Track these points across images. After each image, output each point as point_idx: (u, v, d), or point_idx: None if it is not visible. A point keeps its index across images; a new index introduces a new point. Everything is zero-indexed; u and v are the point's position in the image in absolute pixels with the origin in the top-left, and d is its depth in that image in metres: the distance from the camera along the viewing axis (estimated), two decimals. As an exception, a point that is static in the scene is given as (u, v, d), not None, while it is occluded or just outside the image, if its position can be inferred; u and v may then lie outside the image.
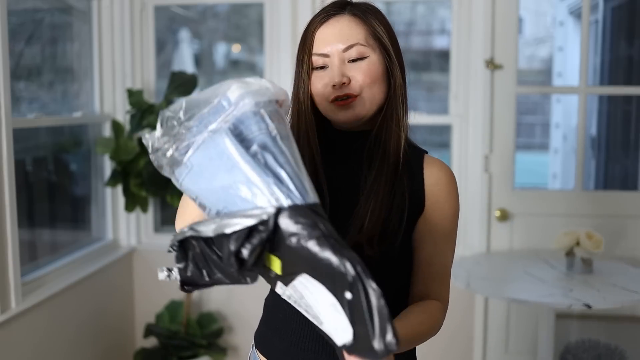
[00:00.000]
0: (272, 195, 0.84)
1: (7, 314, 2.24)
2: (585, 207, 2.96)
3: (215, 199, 0.89)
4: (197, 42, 4.02)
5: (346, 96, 1.14)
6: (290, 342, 1.21)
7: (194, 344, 2.90)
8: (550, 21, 6.05)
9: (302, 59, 1.18)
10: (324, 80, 1.16)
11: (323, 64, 1.16)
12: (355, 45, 1.15)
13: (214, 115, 0.88)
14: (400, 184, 1.16)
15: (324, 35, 1.16)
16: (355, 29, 1.16)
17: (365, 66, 1.15)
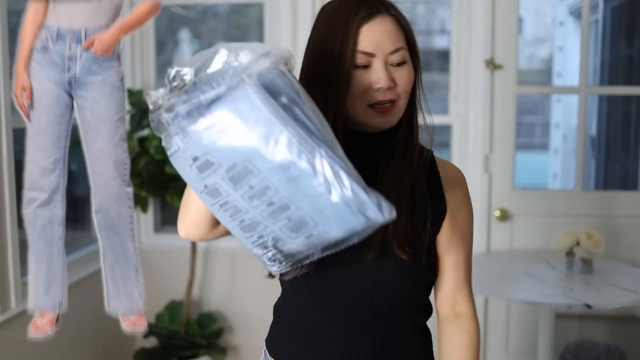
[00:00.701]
0: (306, 145, 0.85)
1: (7, 314, 2.24)
2: (585, 207, 2.96)
3: (236, 154, 0.86)
4: (197, 42, 4.02)
5: (389, 102, 1.09)
6: (313, 350, 1.16)
7: (194, 344, 2.90)
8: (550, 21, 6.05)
9: (343, 54, 1.07)
10: (366, 80, 1.08)
11: (365, 64, 1.08)
12: (401, 50, 1.09)
13: (226, 74, 0.86)
14: (419, 185, 1.14)
15: (372, 32, 1.08)
16: (399, 32, 1.10)
17: (406, 72, 1.11)
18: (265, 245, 0.97)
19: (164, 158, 2.73)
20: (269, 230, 0.94)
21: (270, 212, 0.91)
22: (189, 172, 0.92)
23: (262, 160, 0.86)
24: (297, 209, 0.90)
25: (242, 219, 0.94)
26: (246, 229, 0.96)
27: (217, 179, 0.90)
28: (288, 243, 0.95)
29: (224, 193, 0.91)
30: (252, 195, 0.90)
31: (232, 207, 0.93)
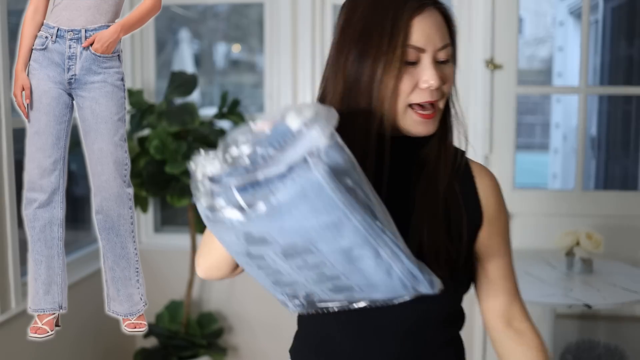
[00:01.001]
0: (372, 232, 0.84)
1: (7, 314, 2.24)
2: (585, 207, 2.96)
3: (297, 237, 0.83)
4: (197, 42, 4.02)
5: (431, 105, 1.00)
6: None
7: (194, 344, 2.90)
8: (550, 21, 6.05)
9: (392, 48, 0.96)
10: (415, 78, 0.98)
11: (415, 59, 0.98)
12: (448, 46, 1.00)
13: (277, 145, 0.81)
14: (454, 193, 1.06)
15: (424, 26, 0.97)
16: (446, 27, 1.01)
17: (450, 71, 1.02)
18: (295, 295, 0.95)
19: (163, 158, 2.73)
20: (307, 288, 0.93)
21: (317, 280, 0.90)
22: (232, 240, 0.88)
23: (325, 243, 0.84)
24: (347, 280, 0.89)
25: (279, 278, 0.92)
26: (280, 284, 0.94)
27: (267, 251, 0.87)
28: (323, 297, 0.94)
29: (270, 261, 0.88)
30: (302, 266, 0.88)
31: (274, 271, 0.91)
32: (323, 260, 0.86)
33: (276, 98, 3.09)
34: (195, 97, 3.36)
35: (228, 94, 2.97)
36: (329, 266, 0.87)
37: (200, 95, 3.71)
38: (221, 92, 3.08)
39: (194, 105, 2.86)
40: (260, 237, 0.84)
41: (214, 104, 3.63)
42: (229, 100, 2.95)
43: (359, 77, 0.98)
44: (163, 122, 2.70)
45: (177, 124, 2.71)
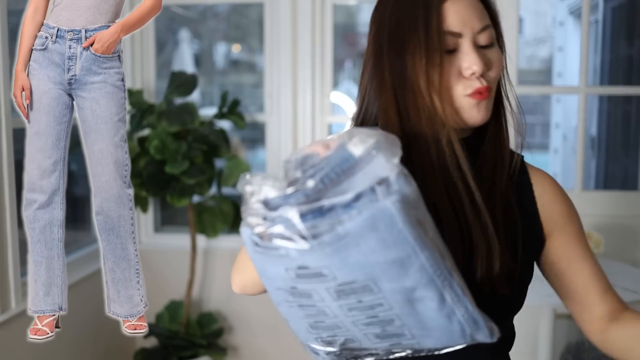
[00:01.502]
0: (439, 273, 0.78)
1: (7, 314, 2.24)
2: (585, 207, 2.96)
3: (360, 273, 0.76)
4: (197, 42, 4.02)
5: (487, 89, 0.90)
6: None
7: (194, 344, 2.90)
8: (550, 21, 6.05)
9: (428, 36, 0.88)
10: (456, 66, 0.89)
11: (453, 47, 0.89)
12: (489, 28, 0.92)
13: (340, 171, 0.75)
14: (510, 203, 0.96)
15: (457, 8, 0.89)
16: (484, 8, 0.94)
17: (496, 55, 0.93)
18: (331, 342, 0.87)
19: (163, 158, 2.73)
20: (349, 333, 0.84)
21: (367, 323, 0.82)
22: (278, 273, 0.80)
23: (388, 282, 0.77)
24: (400, 324, 0.82)
25: (320, 320, 0.84)
26: (319, 328, 0.86)
27: (319, 288, 0.79)
28: (364, 345, 0.86)
29: (317, 299, 0.81)
30: (355, 307, 0.80)
31: (318, 312, 0.83)
32: (381, 300, 0.79)
33: (276, 98, 3.09)
34: (195, 97, 3.36)
35: (228, 94, 2.97)
36: (385, 308, 0.80)
37: (200, 95, 3.71)
38: (221, 92, 3.08)
39: (194, 105, 2.86)
40: (317, 271, 0.77)
41: (214, 104, 3.63)
42: (229, 100, 2.96)
43: (404, 72, 0.89)
44: (163, 122, 2.70)
45: (177, 124, 2.71)
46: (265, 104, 3.14)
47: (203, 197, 2.98)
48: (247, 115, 3.07)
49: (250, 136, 3.79)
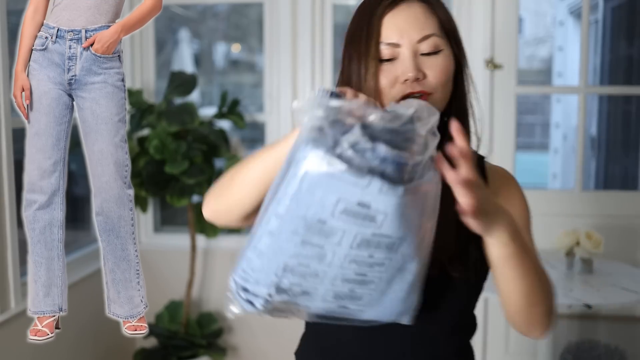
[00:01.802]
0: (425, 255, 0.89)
1: (6, 314, 2.24)
2: (585, 207, 2.95)
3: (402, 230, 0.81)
4: (197, 41, 4.02)
5: (419, 94, 0.98)
6: None
7: (193, 344, 2.89)
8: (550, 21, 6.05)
9: (367, 48, 0.99)
10: (393, 73, 0.99)
11: (391, 55, 0.99)
12: (431, 37, 1.00)
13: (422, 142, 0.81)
14: None
15: (396, 21, 0.99)
16: (430, 18, 1.01)
17: (440, 61, 1.01)
18: (285, 291, 0.88)
19: (163, 158, 2.73)
20: (316, 285, 0.87)
21: (349, 279, 0.86)
22: (325, 199, 0.79)
23: (409, 246, 0.83)
24: (373, 289, 0.87)
25: (305, 264, 0.85)
26: (292, 272, 0.86)
27: (350, 229, 0.81)
28: (312, 301, 0.89)
29: (334, 241, 0.82)
30: (359, 261, 0.84)
31: (316, 254, 0.84)
32: (386, 261, 0.84)
33: (276, 98, 3.09)
34: (195, 97, 3.35)
35: (228, 93, 2.97)
36: (382, 269, 0.85)
37: (200, 95, 3.71)
38: (221, 92, 3.08)
39: (193, 105, 2.86)
40: (373, 214, 0.79)
41: (213, 103, 3.63)
42: (228, 100, 2.95)
43: (352, 79, 1.01)
44: (163, 122, 2.70)
45: (176, 124, 2.71)
46: (265, 104, 3.13)
47: (203, 197, 2.97)
48: (247, 115, 3.06)
49: (250, 136, 3.78)
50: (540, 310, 0.94)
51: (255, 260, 0.88)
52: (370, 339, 1.05)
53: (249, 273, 0.89)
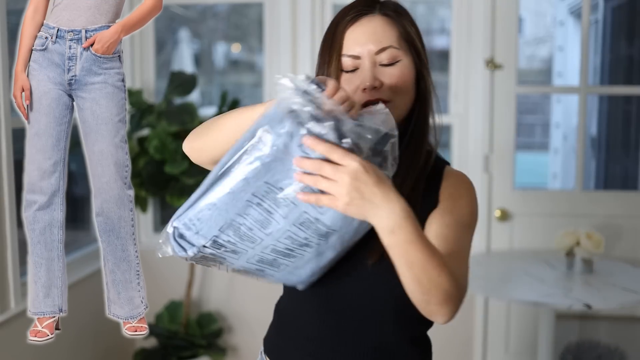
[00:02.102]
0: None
1: (6, 314, 2.24)
2: (585, 207, 2.95)
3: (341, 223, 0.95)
4: (197, 41, 4.02)
5: (377, 101, 1.05)
6: (307, 352, 1.14)
7: (193, 344, 2.89)
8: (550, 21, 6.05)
9: (330, 59, 1.10)
10: (354, 83, 1.09)
11: (353, 67, 1.09)
12: (389, 48, 1.09)
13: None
14: (416, 194, 1.08)
15: (355, 35, 1.09)
16: (389, 31, 1.10)
17: (398, 71, 1.09)
18: (221, 245, 0.98)
19: (163, 158, 2.73)
20: (249, 248, 0.97)
21: (277, 251, 0.97)
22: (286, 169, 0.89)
23: (339, 237, 0.98)
24: (292, 264, 1.00)
25: (250, 227, 0.95)
26: (235, 229, 0.96)
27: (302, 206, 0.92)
28: (238, 260, 1.00)
29: (280, 213, 0.93)
30: (293, 239, 0.96)
31: (261, 220, 0.94)
32: (315, 245, 0.97)
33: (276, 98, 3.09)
34: (195, 97, 3.35)
35: (228, 93, 2.97)
36: (308, 250, 0.98)
37: (199, 95, 3.71)
38: (221, 91, 3.07)
39: (193, 105, 2.86)
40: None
41: (213, 103, 3.63)
42: (228, 100, 2.95)
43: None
44: (162, 122, 2.70)
45: (176, 124, 2.70)
46: (265, 104, 3.13)
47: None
48: (247, 115, 3.06)
49: (250, 136, 3.77)
50: (434, 300, 0.94)
51: (206, 212, 0.94)
52: (326, 319, 1.12)
53: (195, 222, 0.95)
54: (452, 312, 0.97)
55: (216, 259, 1.00)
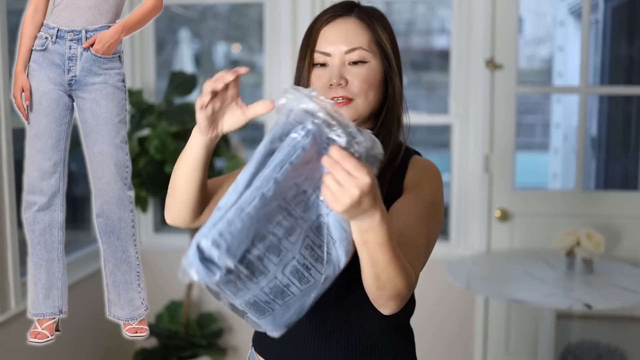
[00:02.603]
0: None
1: (6, 314, 2.24)
2: (585, 207, 2.95)
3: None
4: (197, 41, 4.02)
5: (341, 98, 1.15)
6: (289, 341, 1.19)
7: (193, 344, 2.89)
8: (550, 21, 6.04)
9: (305, 54, 1.20)
10: (323, 78, 1.17)
11: (324, 62, 1.18)
12: (358, 49, 1.17)
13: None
14: (381, 183, 1.09)
15: (329, 34, 1.18)
16: (360, 33, 1.18)
17: (364, 71, 1.17)
18: (244, 260, 0.90)
19: (163, 158, 2.73)
20: (269, 267, 0.93)
21: (297, 269, 0.95)
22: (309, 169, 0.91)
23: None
24: (301, 292, 0.98)
25: (280, 236, 0.91)
26: (264, 242, 0.91)
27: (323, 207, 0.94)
28: (249, 291, 0.94)
29: (308, 215, 0.94)
30: (312, 246, 0.95)
31: (291, 224, 0.92)
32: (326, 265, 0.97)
33: (276, 98, 3.09)
34: (195, 97, 3.35)
35: (228, 94, 2.97)
36: (321, 271, 0.97)
37: (200, 95, 3.71)
38: (221, 92, 3.07)
39: (193, 105, 2.85)
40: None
41: (213, 103, 3.62)
42: (229, 100, 2.95)
43: (296, 81, 1.22)
44: (163, 122, 2.70)
45: (176, 124, 2.70)
46: (265, 104, 3.13)
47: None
48: (247, 115, 3.06)
49: (250, 136, 3.78)
50: (386, 295, 0.99)
51: (238, 224, 0.87)
52: (308, 315, 1.10)
53: (226, 238, 0.86)
54: (398, 307, 1.02)
55: (232, 288, 0.92)
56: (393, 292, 0.98)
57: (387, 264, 0.95)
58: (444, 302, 2.97)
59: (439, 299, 2.97)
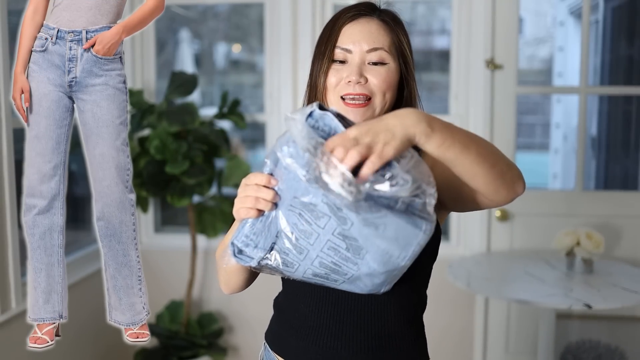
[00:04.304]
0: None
1: (7, 314, 2.24)
2: (585, 207, 2.96)
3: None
4: (198, 42, 4.02)
5: (360, 96, 1.17)
6: (309, 341, 1.20)
7: (194, 344, 2.90)
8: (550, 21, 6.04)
9: (325, 49, 1.20)
10: (341, 74, 1.19)
11: (343, 59, 1.19)
12: (380, 50, 1.19)
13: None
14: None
15: (352, 31, 1.19)
16: (383, 35, 1.20)
17: (383, 72, 1.19)
18: (273, 252, 1.01)
19: (164, 158, 2.73)
20: (298, 262, 1.00)
21: (326, 265, 0.98)
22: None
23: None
24: (347, 278, 1.00)
25: (298, 237, 0.98)
26: (288, 238, 0.99)
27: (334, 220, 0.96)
28: (294, 274, 1.02)
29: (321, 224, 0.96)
30: (335, 249, 0.97)
31: (307, 229, 0.97)
32: (360, 262, 0.97)
33: (276, 98, 3.09)
34: (196, 97, 3.36)
35: (228, 94, 2.97)
36: (355, 268, 0.98)
37: (200, 95, 3.71)
38: (221, 92, 3.08)
39: (194, 105, 2.86)
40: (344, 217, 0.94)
41: (214, 104, 3.63)
42: (229, 100, 2.96)
43: (312, 76, 1.23)
44: (163, 122, 2.70)
45: (177, 124, 2.71)
46: (265, 104, 3.14)
47: (203, 197, 2.98)
48: (247, 115, 3.07)
49: (250, 136, 3.79)
50: (510, 174, 1.04)
51: (257, 225, 1.01)
52: (325, 307, 1.19)
53: (251, 237, 1.01)
54: (523, 186, 1.06)
55: (276, 270, 1.04)
56: (512, 167, 1.04)
57: (471, 138, 0.98)
58: (444, 302, 2.98)
59: (439, 299, 2.97)
